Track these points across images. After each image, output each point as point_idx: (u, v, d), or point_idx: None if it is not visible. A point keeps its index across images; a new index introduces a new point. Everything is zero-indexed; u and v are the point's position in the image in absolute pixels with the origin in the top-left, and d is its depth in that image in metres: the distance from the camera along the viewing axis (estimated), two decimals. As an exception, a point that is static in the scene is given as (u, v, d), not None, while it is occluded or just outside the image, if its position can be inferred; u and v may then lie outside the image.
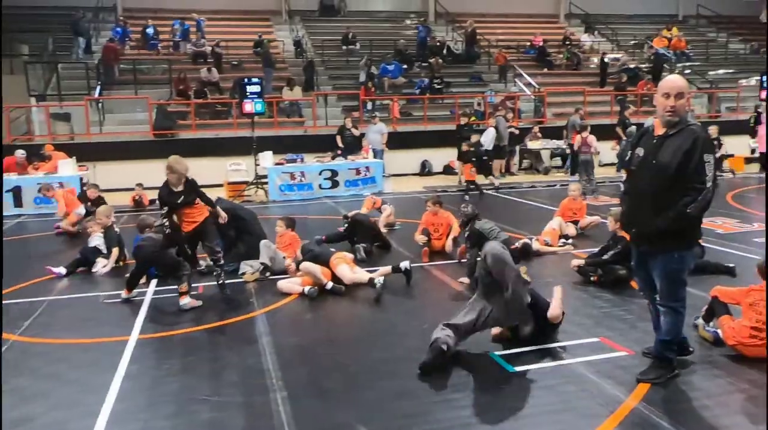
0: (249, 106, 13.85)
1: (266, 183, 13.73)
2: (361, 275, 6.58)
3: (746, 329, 4.41)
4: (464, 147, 13.67)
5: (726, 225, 9.26)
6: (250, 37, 21.08)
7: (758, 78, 19.25)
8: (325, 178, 13.86)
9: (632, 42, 24.97)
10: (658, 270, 4.03)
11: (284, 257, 7.23)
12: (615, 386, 4.08)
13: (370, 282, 6.31)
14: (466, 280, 6.60)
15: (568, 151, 17.28)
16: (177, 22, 20.85)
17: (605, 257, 6.51)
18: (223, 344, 5.24)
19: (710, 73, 23.57)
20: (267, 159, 13.87)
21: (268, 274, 7.02)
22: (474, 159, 13.33)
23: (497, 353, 4.66)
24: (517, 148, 17.34)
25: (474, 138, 14.37)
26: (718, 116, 20.38)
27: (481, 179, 13.48)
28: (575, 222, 8.79)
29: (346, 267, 6.60)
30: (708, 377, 4.21)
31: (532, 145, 17.60)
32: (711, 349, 4.63)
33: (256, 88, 13.88)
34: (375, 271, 6.71)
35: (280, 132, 17.10)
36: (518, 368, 4.40)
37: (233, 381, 4.41)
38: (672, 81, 3.97)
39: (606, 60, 21.89)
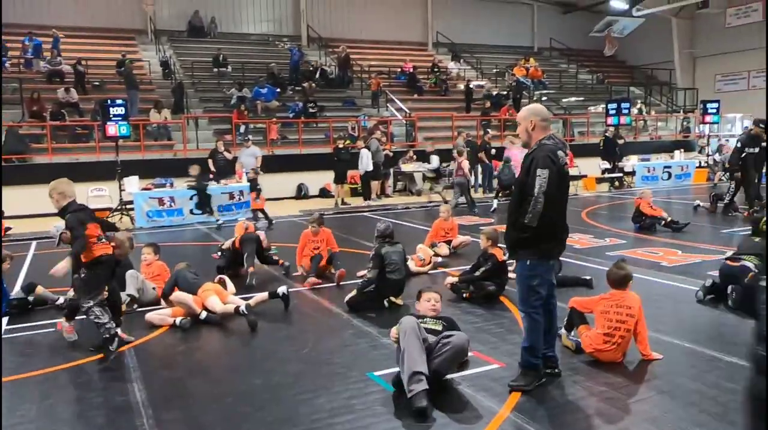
0: (113, 129, 13.14)
1: (132, 209, 13.04)
2: (232, 304, 6.33)
3: (600, 337, 4.78)
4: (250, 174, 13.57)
5: (582, 240, 10.01)
6: (114, 56, 20.06)
7: (604, 105, 21.19)
8: (196, 203, 13.38)
9: (495, 70, 26.59)
10: (516, 277, 4.48)
11: (153, 288, 6.87)
12: (489, 397, 4.25)
13: (236, 310, 6.11)
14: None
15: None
16: (27, 39, 19.37)
17: (477, 273, 6.80)
18: (87, 382, 4.85)
19: (563, 100, 25.62)
20: (133, 184, 13.19)
21: (135, 306, 6.62)
22: (258, 187, 13.19)
23: (376, 373, 4.70)
24: (392, 170, 17.80)
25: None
26: (572, 140, 22.13)
27: (357, 201, 13.66)
28: (448, 242, 9.12)
29: (216, 298, 6.30)
30: (571, 383, 4.50)
31: (405, 167, 18.13)
32: (573, 356, 4.96)
33: (121, 110, 13.21)
34: (251, 298, 6.55)
35: (148, 156, 16.37)
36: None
37: (99, 423, 4.09)
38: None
39: (471, 86, 23.13)
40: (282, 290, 6.56)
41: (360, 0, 26.13)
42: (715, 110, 20.61)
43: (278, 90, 20.54)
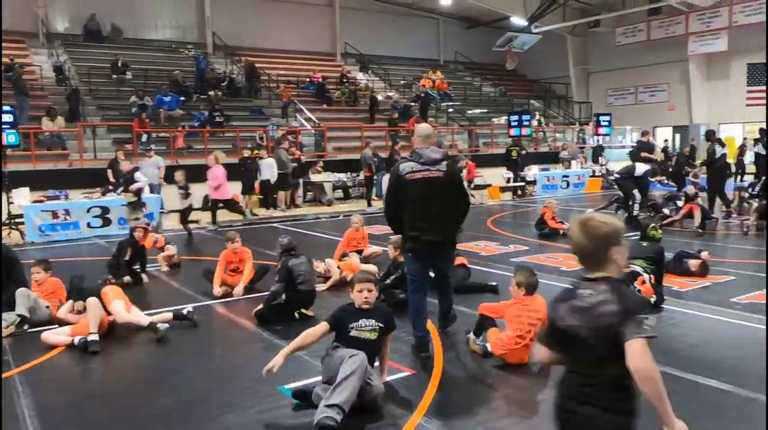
0: (-1, 138, 12.25)
1: (22, 223, 12.20)
2: (140, 318, 6.08)
3: (512, 339, 4.95)
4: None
5: (487, 248, 10.33)
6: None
7: (506, 117, 22.07)
8: (94, 216, 12.72)
9: (402, 82, 27.06)
10: None
11: (47, 307, 6.44)
12: (399, 405, 4.28)
13: (151, 326, 5.88)
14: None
15: (350, 183, 18.14)
16: None
17: (387, 282, 6.85)
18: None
19: (468, 112, 26.43)
20: (23, 196, 12.36)
21: (26, 326, 6.17)
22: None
23: (287, 386, 4.62)
24: (301, 181, 17.67)
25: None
26: (477, 150, 22.86)
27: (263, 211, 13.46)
28: (359, 251, 9.14)
29: (121, 303, 6.01)
30: (480, 386, 4.63)
31: (315, 178, 18.06)
32: (481, 360, 5.09)
33: (8, 118, 12.35)
34: (156, 314, 6.29)
35: (40, 166, 15.38)
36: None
37: (-17, 456, 3.78)
38: None
39: (379, 98, 23.41)
40: (187, 309, 6.36)
41: (267, 9, 25.85)
42: (607, 123, 21.96)
43: (182, 98, 19.93)
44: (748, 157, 19.95)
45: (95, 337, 5.61)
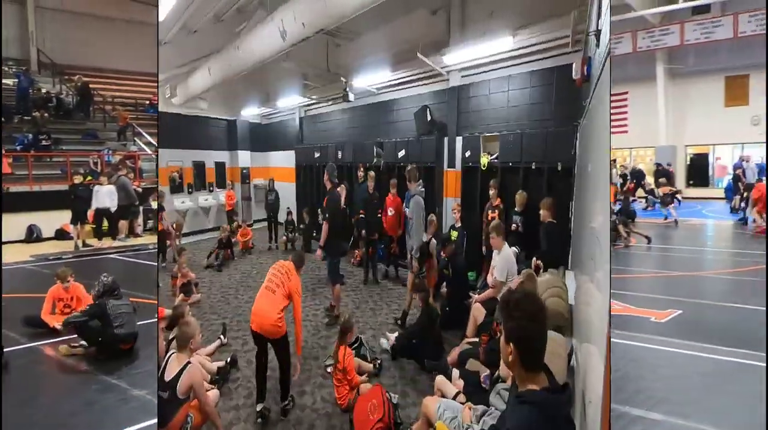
0: None
1: None
2: None
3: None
4: None
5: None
6: None
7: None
8: None
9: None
10: None
11: None
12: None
13: None
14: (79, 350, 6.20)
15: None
16: None
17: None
18: None
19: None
20: None
21: None
22: None
23: (128, 429, 4.35)
24: (141, 208, 16.73)
25: None
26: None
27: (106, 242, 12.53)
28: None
29: None
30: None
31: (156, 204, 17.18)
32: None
33: None
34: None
35: None
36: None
37: None
38: None
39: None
40: None
41: (102, 27, 24.20)
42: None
43: (1, 119, 18.07)
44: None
45: None
